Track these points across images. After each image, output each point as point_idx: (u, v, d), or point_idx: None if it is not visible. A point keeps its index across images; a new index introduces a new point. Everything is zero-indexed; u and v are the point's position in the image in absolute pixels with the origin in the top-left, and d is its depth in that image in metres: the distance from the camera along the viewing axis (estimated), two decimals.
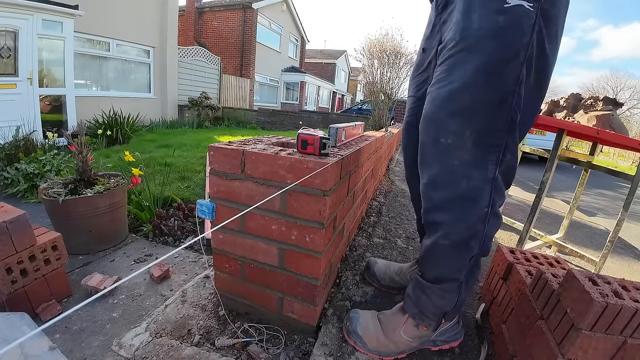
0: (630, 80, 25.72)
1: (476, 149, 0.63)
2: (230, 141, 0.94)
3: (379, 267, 1.15)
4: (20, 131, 2.99)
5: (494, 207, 0.66)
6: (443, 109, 0.64)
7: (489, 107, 0.61)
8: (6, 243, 0.93)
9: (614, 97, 1.55)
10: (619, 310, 0.57)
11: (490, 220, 0.67)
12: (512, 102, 0.60)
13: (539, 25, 0.58)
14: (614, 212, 3.17)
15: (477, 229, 0.67)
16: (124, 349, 0.85)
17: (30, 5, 3.92)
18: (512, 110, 0.61)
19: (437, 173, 0.68)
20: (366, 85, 5.18)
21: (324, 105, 19.82)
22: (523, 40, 0.58)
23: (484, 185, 0.64)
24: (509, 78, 0.59)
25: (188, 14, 11.70)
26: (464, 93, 0.62)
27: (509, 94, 0.60)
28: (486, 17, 0.59)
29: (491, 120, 0.62)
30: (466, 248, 0.69)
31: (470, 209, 0.66)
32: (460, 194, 0.65)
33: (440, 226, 0.70)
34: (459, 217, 0.67)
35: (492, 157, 0.63)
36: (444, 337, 0.85)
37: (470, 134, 0.62)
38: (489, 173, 0.64)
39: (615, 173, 1.49)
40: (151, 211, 1.77)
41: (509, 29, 0.58)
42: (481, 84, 0.60)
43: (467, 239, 0.68)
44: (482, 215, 0.66)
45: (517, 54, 0.59)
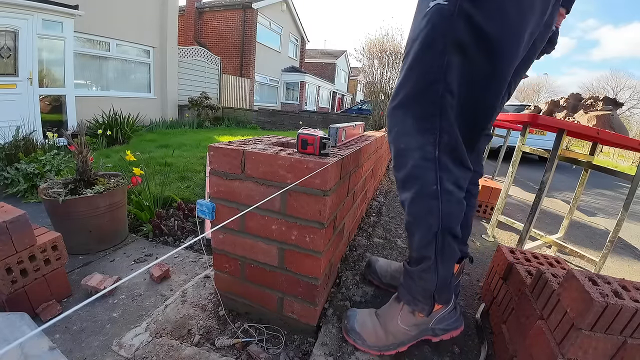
0: (630, 80, 25.75)
1: (416, 133, 0.72)
2: (230, 141, 0.94)
3: (380, 265, 1.16)
4: (20, 131, 2.99)
5: (443, 184, 0.71)
6: (391, 104, 0.76)
7: (418, 96, 0.70)
8: (6, 243, 0.93)
9: (614, 97, 1.55)
10: (619, 310, 0.57)
11: (443, 198, 0.72)
12: (439, 88, 0.67)
13: (464, 11, 0.62)
14: (614, 212, 3.17)
15: (430, 205, 0.72)
16: (124, 349, 0.85)
17: (30, 5, 3.92)
18: (440, 96, 0.67)
19: (394, 156, 0.77)
20: (366, 85, 5.19)
21: (324, 105, 19.82)
22: (438, 30, 0.65)
23: (425, 164, 0.71)
24: (430, 68, 0.67)
25: (188, 14, 11.70)
26: (400, 89, 0.73)
27: (434, 82, 0.67)
28: (417, 25, 0.70)
29: (422, 107, 0.70)
30: (425, 223, 0.74)
31: (419, 186, 0.73)
32: (409, 174, 0.73)
33: (403, 204, 0.77)
34: (412, 194, 0.74)
35: (429, 139, 0.70)
36: (443, 325, 0.85)
37: (412, 122, 0.72)
38: (427, 154, 0.71)
39: (615, 173, 1.49)
40: (151, 211, 1.77)
41: (426, 26, 0.66)
42: (408, 77, 0.70)
43: (423, 214, 0.74)
44: (431, 192, 0.72)
45: (434, 44, 0.66)
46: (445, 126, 0.69)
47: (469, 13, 0.63)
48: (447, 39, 0.64)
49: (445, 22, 0.63)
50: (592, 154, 1.72)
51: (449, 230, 0.75)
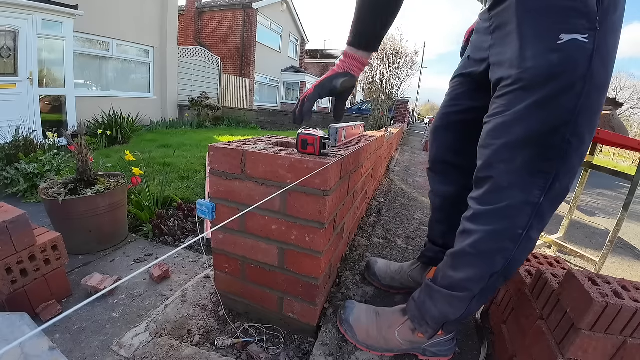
0: (630, 80, 25.77)
1: (525, 173, 0.65)
2: (230, 141, 0.94)
3: (379, 267, 1.16)
4: (20, 131, 2.99)
5: (530, 231, 0.66)
6: (497, 139, 0.68)
7: (541, 137, 0.63)
8: (6, 243, 0.93)
9: (614, 97, 1.55)
10: (619, 310, 0.57)
11: (522, 244, 0.67)
12: (567, 132, 0.61)
13: (600, 49, 0.58)
14: (614, 212, 3.17)
15: (505, 247, 0.68)
16: (124, 349, 0.85)
17: (30, 5, 3.92)
18: (565, 141, 0.61)
19: (488, 190, 0.70)
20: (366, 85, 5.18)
21: (323, 105, 19.82)
22: (578, 73, 0.58)
23: (524, 206, 0.65)
24: (563, 110, 0.61)
25: (188, 14, 11.69)
26: (518, 125, 0.64)
27: (562, 125, 0.61)
28: (540, 56, 0.61)
29: (543, 149, 0.63)
30: (490, 261, 0.70)
31: (504, 225, 0.67)
32: (499, 210, 0.68)
33: (471, 235, 0.71)
34: (489, 230, 0.69)
35: (539, 182, 0.64)
36: (435, 349, 0.84)
37: (522, 160, 0.64)
38: (532, 197, 0.65)
39: (615, 173, 1.49)
40: (151, 211, 1.77)
41: (563, 66, 0.59)
42: (534, 116, 0.63)
43: (494, 252, 0.69)
44: (514, 235, 0.67)
45: (573, 87, 0.59)
46: (562, 173, 0.64)
47: (603, 48, 0.58)
48: (587, 82, 0.59)
49: (587, 64, 0.58)
50: (592, 154, 1.72)
51: (508, 274, 0.72)
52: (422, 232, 1.76)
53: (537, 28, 0.62)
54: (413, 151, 5.68)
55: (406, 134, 9.54)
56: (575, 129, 0.61)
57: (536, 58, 0.62)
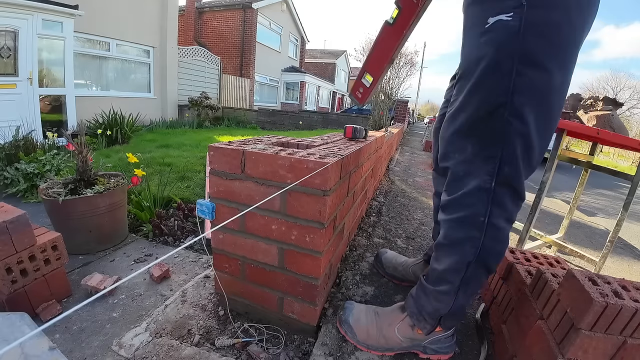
0: (630, 80, 25.79)
1: (476, 161, 0.67)
2: (230, 141, 0.94)
3: (386, 257, 1.21)
4: (20, 131, 2.98)
5: (492, 217, 0.67)
6: (448, 130, 0.72)
7: (480, 122, 0.65)
8: (6, 243, 0.93)
9: (614, 97, 1.55)
10: (619, 310, 0.57)
11: (488, 231, 0.68)
12: (504, 113, 0.61)
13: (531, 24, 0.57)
14: (614, 212, 3.17)
15: (471, 235, 0.69)
16: (124, 349, 0.85)
17: (30, 5, 3.92)
18: (505, 122, 0.62)
19: (449, 180, 0.73)
20: None
21: (324, 105, 19.82)
22: (503, 52, 0.59)
23: (478, 193, 0.67)
24: (495, 91, 0.61)
25: (188, 13, 11.69)
26: (459, 113, 0.68)
27: (498, 107, 0.61)
28: (473, 44, 0.64)
29: (484, 133, 0.65)
30: (460, 251, 0.71)
31: (465, 214, 0.69)
32: (458, 199, 0.70)
33: (444, 225, 0.74)
34: (455, 219, 0.71)
35: (488, 167, 0.65)
36: (435, 347, 0.84)
37: (472, 148, 0.67)
38: (483, 183, 0.66)
39: (615, 173, 1.49)
40: (151, 211, 1.77)
41: (488, 47, 0.60)
42: (468, 102, 0.65)
43: (462, 241, 0.71)
44: (477, 223, 0.68)
45: (499, 66, 0.60)
46: (506, 156, 0.64)
47: (536, 24, 0.56)
48: (515, 59, 0.58)
49: (512, 41, 0.57)
50: (592, 154, 1.72)
51: (485, 264, 0.71)
52: (422, 232, 1.76)
53: (473, 18, 0.65)
54: (413, 151, 5.68)
55: (406, 134, 9.54)
56: (513, 109, 0.61)
57: (469, 46, 0.65)
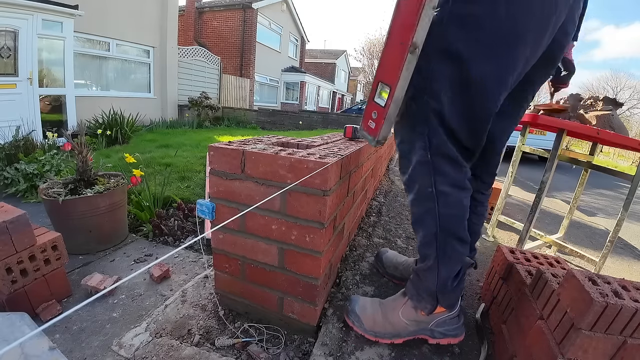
0: (630, 80, 25.81)
1: (411, 139, 0.75)
2: (230, 141, 0.94)
3: (387, 256, 1.22)
4: (20, 131, 2.98)
5: (438, 185, 0.74)
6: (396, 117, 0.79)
7: (408, 106, 0.73)
8: (6, 243, 0.93)
9: (614, 97, 1.55)
10: (619, 310, 0.57)
11: (439, 199, 0.74)
12: (424, 96, 0.70)
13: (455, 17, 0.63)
14: (614, 212, 3.17)
15: (427, 207, 0.76)
16: (124, 349, 0.85)
17: (30, 5, 3.92)
18: (424, 101, 0.71)
19: (399, 160, 0.82)
20: (366, 85, 5.18)
21: (324, 105, 19.81)
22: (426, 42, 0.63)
23: (420, 167, 0.74)
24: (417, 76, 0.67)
25: (188, 13, 11.69)
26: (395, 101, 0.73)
27: (420, 90, 0.70)
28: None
29: (410, 114, 0.74)
30: (425, 223, 0.78)
31: (417, 188, 0.77)
32: (409, 177, 0.78)
33: (410, 206, 0.82)
34: (413, 195, 0.79)
35: (420, 143, 0.73)
36: (442, 329, 0.85)
37: (407, 129, 0.76)
38: (420, 157, 0.74)
39: (615, 173, 1.49)
40: (151, 211, 1.77)
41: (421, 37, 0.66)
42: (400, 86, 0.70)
43: (422, 215, 0.78)
44: (427, 194, 0.75)
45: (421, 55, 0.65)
46: (431, 130, 0.72)
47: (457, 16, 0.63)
48: (431, 49, 0.65)
49: (434, 33, 0.62)
50: (592, 154, 1.72)
51: (450, 231, 0.76)
52: None
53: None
54: None
55: None
56: (431, 93, 0.70)
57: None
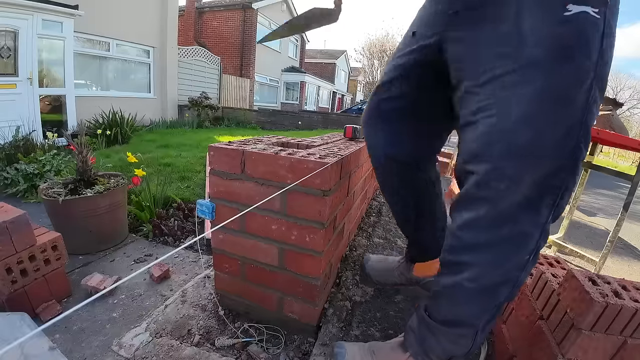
0: (630, 80, 25.85)
1: (531, 191, 0.51)
2: (230, 141, 0.94)
3: (370, 266, 1.14)
4: (20, 131, 2.99)
5: (537, 254, 0.57)
6: (494, 148, 0.52)
7: (555, 143, 0.49)
8: (6, 243, 0.93)
9: (614, 97, 1.55)
10: (619, 310, 0.57)
11: (528, 268, 0.58)
12: (579, 134, 0.48)
13: (607, 36, 0.47)
14: (614, 212, 3.17)
15: (511, 276, 0.58)
16: (124, 349, 0.85)
17: (30, 5, 3.92)
18: (576, 145, 0.49)
19: (479, 217, 0.56)
20: (366, 85, 5.18)
21: (324, 105, 19.81)
22: (592, 56, 0.46)
23: (532, 230, 0.54)
24: (577, 105, 0.47)
25: (188, 14, 11.68)
26: (524, 127, 0.49)
27: (575, 125, 0.48)
28: (545, 29, 0.47)
29: (555, 159, 0.49)
30: (494, 294, 0.60)
31: (510, 254, 0.56)
32: (502, 238, 0.55)
33: (468, 268, 0.59)
34: (495, 261, 0.57)
35: (548, 200, 0.52)
36: None
37: (530, 177, 0.50)
38: (541, 217, 0.53)
39: (615, 173, 1.49)
40: (151, 211, 1.77)
41: (575, 43, 0.46)
42: (545, 114, 0.48)
43: (498, 284, 0.59)
44: (521, 263, 0.56)
45: (587, 74, 0.47)
46: (571, 185, 0.52)
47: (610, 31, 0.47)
48: (597, 69, 0.47)
49: (599, 45, 0.46)
50: (592, 154, 1.72)
51: (511, 299, 0.62)
52: None
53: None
54: None
55: None
56: (586, 130, 0.49)
57: (539, 31, 0.47)
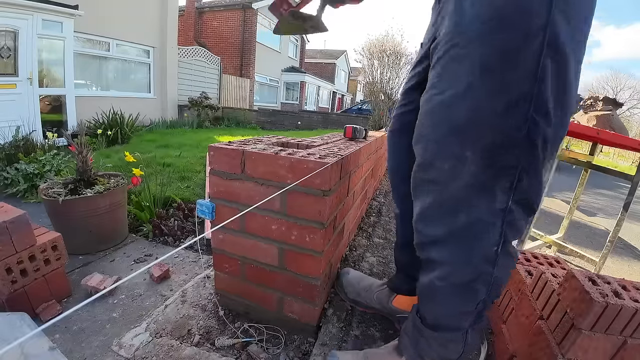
0: (630, 80, 25.88)
1: (481, 173, 0.48)
2: (230, 141, 0.94)
3: (348, 279, 1.03)
4: (20, 131, 2.98)
5: (506, 245, 0.52)
6: (435, 127, 0.51)
7: (495, 116, 0.46)
8: (6, 243, 0.93)
9: (614, 97, 1.55)
10: (619, 310, 0.57)
11: (500, 261, 0.53)
12: (529, 107, 0.45)
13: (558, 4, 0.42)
14: (614, 212, 3.17)
15: (482, 271, 0.54)
16: (124, 349, 0.85)
17: (30, 5, 3.92)
18: (529, 118, 0.45)
19: (431, 203, 0.53)
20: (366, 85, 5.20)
21: (324, 105, 19.83)
22: (534, 22, 0.43)
23: (491, 218, 0.50)
24: (521, 75, 0.44)
25: (188, 14, 11.69)
26: (461, 102, 0.48)
27: (522, 97, 0.45)
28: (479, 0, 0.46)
29: (500, 134, 0.47)
30: (469, 292, 0.56)
31: (473, 247, 0.53)
32: (459, 229, 0.52)
33: (437, 265, 0.57)
34: (459, 256, 0.54)
35: (502, 182, 0.48)
36: None
37: (473, 154, 0.48)
38: (497, 203, 0.49)
39: (615, 173, 1.49)
40: (151, 211, 1.77)
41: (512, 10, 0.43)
42: (482, 86, 0.46)
43: (471, 281, 0.55)
44: (489, 256, 0.52)
45: (528, 41, 0.43)
46: (529, 165, 0.47)
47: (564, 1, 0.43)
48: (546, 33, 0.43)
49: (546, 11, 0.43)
50: (592, 154, 1.72)
51: (496, 295, 0.59)
52: None
53: None
54: None
55: None
56: (540, 102, 0.44)
57: (475, 4, 0.46)
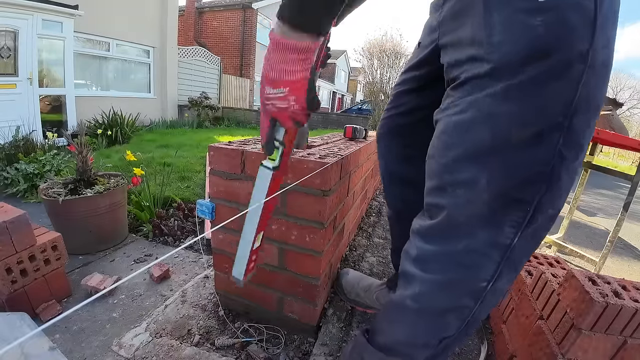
0: (630, 80, 25.89)
1: (493, 202, 0.44)
2: (230, 141, 0.94)
3: (347, 279, 1.05)
4: (20, 131, 2.99)
5: (498, 282, 0.46)
6: (450, 148, 0.47)
7: (519, 146, 0.41)
8: (6, 243, 0.93)
9: (614, 97, 1.55)
10: (619, 310, 0.57)
11: (486, 300, 0.47)
12: (559, 139, 0.40)
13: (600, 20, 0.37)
14: (614, 212, 3.17)
15: (461, 304, 0.48)
16: (124, 349, 0.85)
17: (30, 5, 3.92)
18: (556, 152, 0.40)
19: (437, 224, 0.49)
20: (366, 85, 5.20)
21: (324, 105, 19.84)
22: (576, 48, 0.38)
23: (490, 250, 0.45)
24: (555, 104, 0.39)
25: (188, 14, 11.69)
26: (483, 126, 0.43)
27: (553, 128, 0.40)
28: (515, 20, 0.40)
29: (521, 165, 0.42)
30: (439, 322, 0.50)
31: (462, 276, 0.47)
32: (456, 255, 0.47)
33: (415, 282, 0.50)
34: (442, 280, 0.48)
35: (513, 216, 0.43)
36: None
37: (488, 183, 0.43)
38: (501, 237, 0.44)
39: (615, 173, 1.50)
40: (151, 211, 1.77)
41: (552, 33, 0.38)
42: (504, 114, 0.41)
43: (443, 311, 0.49)
44: (475, 290, 0.47)
45: (568, 69, 0.38)
46: (546, 201, 0.43)
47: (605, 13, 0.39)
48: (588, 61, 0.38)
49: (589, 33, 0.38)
50: (592, 154, 1.72)
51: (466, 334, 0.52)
52: None
53: None
54: None
55: None
56: (569, 134, 0.40)
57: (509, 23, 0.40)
